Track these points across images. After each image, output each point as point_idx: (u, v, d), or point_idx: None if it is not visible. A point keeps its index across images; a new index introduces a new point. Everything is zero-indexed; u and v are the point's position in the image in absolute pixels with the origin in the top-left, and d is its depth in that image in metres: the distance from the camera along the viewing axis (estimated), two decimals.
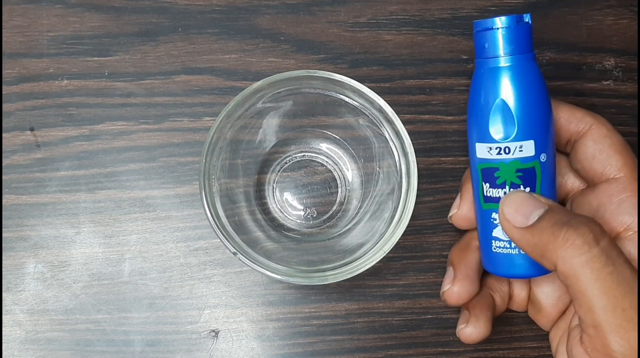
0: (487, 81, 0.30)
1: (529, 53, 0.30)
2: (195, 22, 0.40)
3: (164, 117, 0.39)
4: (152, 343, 0.38)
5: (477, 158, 0.31)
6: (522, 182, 0.30)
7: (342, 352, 0.38)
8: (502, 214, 0.29)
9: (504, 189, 0.31)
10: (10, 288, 0.38)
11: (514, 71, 0.30)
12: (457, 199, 0.35)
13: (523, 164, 0.30)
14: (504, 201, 0.30)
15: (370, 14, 0.40)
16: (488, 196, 0.31)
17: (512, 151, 0.30)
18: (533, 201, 0.29)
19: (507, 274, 0.32)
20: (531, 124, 0.30)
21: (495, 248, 0.32)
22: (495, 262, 0.32)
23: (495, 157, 0.30)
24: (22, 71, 0.39)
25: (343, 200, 0.39)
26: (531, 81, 0.30)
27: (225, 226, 0.32)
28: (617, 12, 0.41)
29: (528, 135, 0.30)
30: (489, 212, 0.32)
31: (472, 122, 0.31)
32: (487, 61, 0.30)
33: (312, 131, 0.39)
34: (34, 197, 0.39)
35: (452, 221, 0.35)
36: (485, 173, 0.31)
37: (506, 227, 0.29)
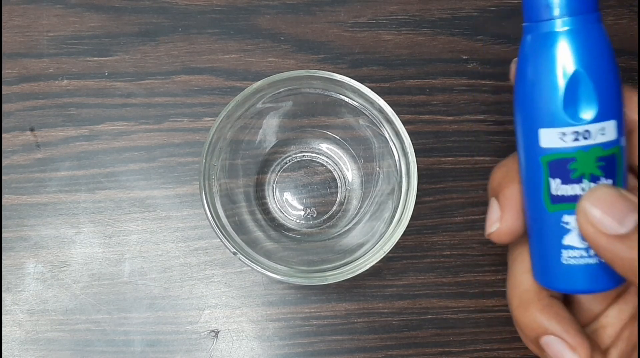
0: (554, 48, 0.24)
1: (599, 12, 0.24)
2: (195, 22, 0.40)
3: (164, 117, 0.39)
4: (152, 343, 0.38)
5: (542, 147, 0.25)
6: (604, 173, 0.25)
7: (342, 352, 0.38)
8: (586, 216, 0.24)
9: (581, 184, 0.25)
10: (10, 288, 0.38)
11: (590, 34, 0.24)
12: (494, 211, 0.28)
13: (605, 151, 0.24)
14: (587, 198, 0.24)
15: (370, 14, 0.40)
16: (558, 196, 0.25)
17: (593, 135, 0.24)
18: (626, 202, 0.23)
19: (582, 290, 0.27)
20: (614, 100, 0.25)
21: (567, 258, 0.26)
22: (567, 276, 0.26)
23: (571, 144, 0.24)
24: (22, 71, 0.39)
25: (343, 200, 0.39)
26: (609, 46, 0.25)
27: (225, 226, 0.32)
28: (617, 12, 0.41)
29: (610, 114, 0.24)
30: (559, 215, 0.26)
31: (531, 103, 0.25)
32: (549, 23, 0.24)
33: (312, 131, 0.39)
34: (34, 197, 0.39)
35: (492, 238, 0.28)
36: (555, 167, 0.25)
37: (590, 232, 0.24)
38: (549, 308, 0.27)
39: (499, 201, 0.28)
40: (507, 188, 0.28)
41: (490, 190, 0.29)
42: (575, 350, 0.26)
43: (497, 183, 0.28)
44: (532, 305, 0.27)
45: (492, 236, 0.28)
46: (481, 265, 0.39)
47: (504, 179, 0.28)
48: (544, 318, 0.27)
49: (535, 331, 0.27)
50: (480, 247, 0.39)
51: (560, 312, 0.27)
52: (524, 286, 0.28)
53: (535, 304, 0.27)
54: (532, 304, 0.27)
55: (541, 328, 0.27)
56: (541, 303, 0.27)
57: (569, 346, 0.27)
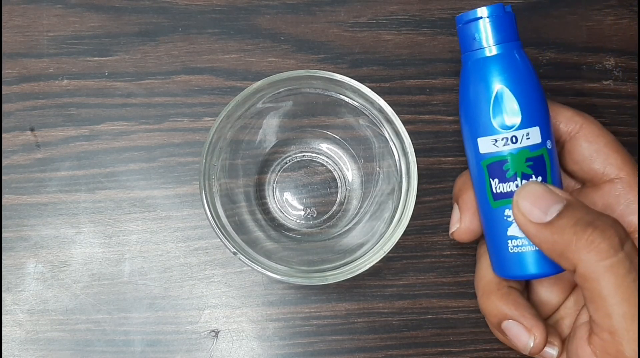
0: (482, 71, 0.30)
1: (519, 41, 0.30)
2: (196, 22, 0.40)
3: (164, 117, 0.39)
4: (152, 343, 0.38)
5: (481, 153, 0.30)
6: (534, 172, 0.29)
7: (342, 352, 0.38)
8: (518, 208, 0.28)
9: (516, 182, 0.29)
10: (10, 288, 0.38)
11: (510, 58, 0.29)
12: (455, 214, 0.33)
13: (532, 153, 0.29)
14: (518, 193, 0.28)
15: (370, 14, 0.40)
16: (498, 193, 0.30)
17: (520, 139, 0.29)
18: (550, 195, 0.28)
19: (527, 275, 0.30)
20: (535, 110, 0.29)
21: (513, 248, 0.30)
22: (513, 264, 0.30)
23: (502, 149, 0.29)
24: (22, 71, 0.39)
25: (343, 200, 0.39)
26: (528, 66, 0.30)
27: (225, 226, 0.32)
28: (617, 12, 0.41)
29: (533, 121, 0.29)
30: (501, 210, 0.30)
31: (470, 117, 0.30)
32: (478, 52, 0.30)
33: (312, 131, 0.39)
34: (34, 197, 0.39)
35: (454, 237, 0.33)
36: (493, 168, 0.30)
37: (522, 222, 0.28)
38: (507, 297, 0.31)
39: (459, 205, 0.33)
40: (465, 194, 0.32)
41: (453, 197, 0.34)
42: (530, 332, 0.30)
43: (457, 190, 0.33)
44: (493, 294, 0.31)
45: (454, 235, 0.33)
46: None
47: (463, 186, 0.33)
48: (503, 305, 0.31)
49: (496, 317, 0.31)
50: None
51: (518, 300, 0.31)
52: (486, 278, 0.32)
53: (495, 293, 0.31)
54: (492, 293, 0.32)
55: (501, 313, 0.31)
56: (500, 293, 0.31)
57: (526, 328, 0.30)
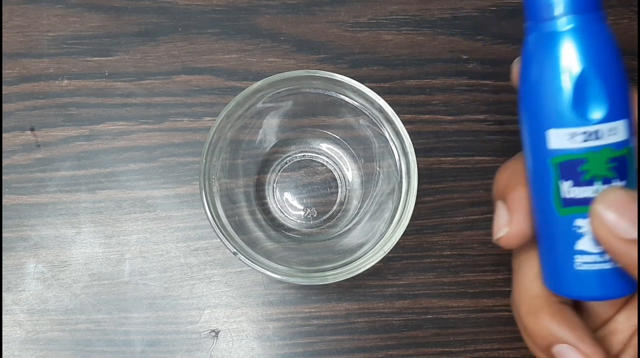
0: (559, 48, 0.23)
1: (603, 10, 0.24)
2: (196, 22, 0.40)
3: (164, 117, 0.39)
4: (153, 343, 0.38)
5: (551, 149, 0.24)
6: (616, 175, 0.24)
7: (342, 352, 0.38)
8: (600, 220, 0.23)
9: (593, 186, 0.24)
10: (10, 288, 0.38)
11: (597, 32, 0.24)
12: (502, 215, 0.27)
13: (615, 152, 0.24)
14: (600, 201, 0.23)
15: (370, 14, 0.40)
16: (569, 199, 0.24)
17: (604, 135, 0.23)
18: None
19: (598, 296, 0.25)
20: (623, 99, 0.24)
21: (581, 264, 0.25)
22: (580, 282, 0.25)
23: (581, 145, 0.24)
24: (23, 71, 0.39)
25: (343, 200, 0.39)
26: (615, 44, 0.24)
27: (225, 226, 0.32)
28: (617, 12, 0.41)
29: (620, 113, 0.24)
30: (571, 219, 0.25)
31: (538, 104, 0.24)
32: (553, 22, 0.23)
33: (312, 131, 0.39)
34: (34, 197, 0.39)
35: (501, 243, 0.27)
36: (565, 168, 0.24)
37: (605, 237, 0.23)
38: (561, 315, 0.26)
39: (507, 205, 0.27)
40: (515, 191, 0.26)
41: (496, 193, 0.28)
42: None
43: (503, 186, 0.27)
44: (543, 311, 0.26)
45: (501, 241, 0.27)
46: (481, 265, 0.39)
47: (511, 182, 0.27)
48: (555, 326, 0.26)
49: (546, 339, 0.26)
50: (480, 247, 0.39)
51: (573, 319, 0.26)
52: (533, 292, 0.27)
53: (546, 311, 0.26)
54: (542, 311, 0.26)
55: (553, 336, 0.26)
56: (552, 310, 0.26)
57: (583, 355, 0.25)
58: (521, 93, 0.25)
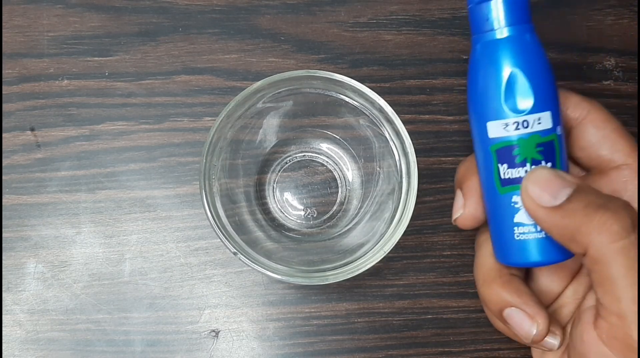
0: (494, 53, 0.29)
1: (531, 23, 0.29)
2: (196, 22, 0.40)
3: (164, 117, 0.39)
4: (153, 343, 0.38)
5: (490, 138, 0.29)
6: (544, 157, 0.29)
7: (342, 352, 0.38)
8: (527, 193, 0.27)
9: (525, 167, 0.29)
10: (10, 288, 0.38)
11: (524, 40, 0.28)
12: (459, 200, 0.32)
13: (542, 138, 0.28)
14: (527, 178, 0.28)
15: (370, 14, 0.40)
16: (506, 179, 0.29)
17: (531, 124, 0.28)
18: (560, 179, 0.27)
19: (533, 262, 0.30)
20: (547, 94, 0.29)
21: (519, 234, 0.29)
22: (519, 251, 0.30)
23: (513, 133, 0.29)
24: (23, 71, 0.39)
25: (343, 200, 0.39)
26: (541, 50, 0.29)
27: (225, 226, 0.32)
28: (618, 12, 0.41)
29: (545, 106, 0.28)
30: (509, 196, 0.29)
31: (479, 100, 0.29)
32: (490, 33, 0.29)
33: (313, 131, 0.39)
34: (35, 197, 0.39)
35: (457, 223, 0.32)
36: (502, 153, 0.29)
37: (531, 207, 0.27)
38: (509, 284, 0.31)
39: (462, 191, 0.32)
40: (469, 180, 0.32)
41: (456, 183, 0.33)
42: (534, 319, 0.30)
43: (461, 176, 0.32)
44: (494, 282, 0.31)
45: (457, 222, 0.32)
46: None
47: (467, 172, 0.32)
48: (505, 293, 0.30)
49: (498, 305, 0.31)
50: None
51: (520, 287, 0.31)
52: (487, 266, 0.32)
53: (497, 281, 0.31)
54: (494, 281, 0.31)
55: (503, 301, 0.30)
56: (502, 280, 0.31)
57: (528, 316, 0.30)
58: (468, 94, 0.30)
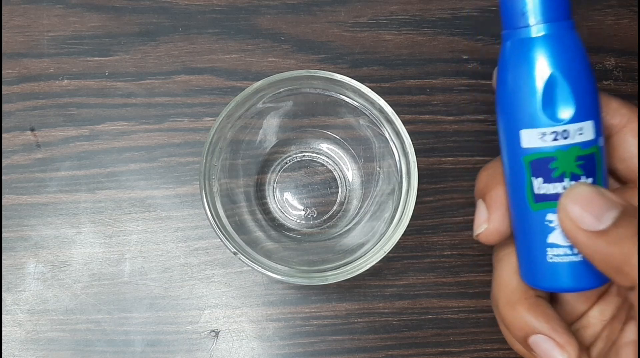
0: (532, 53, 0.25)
1: (572, 20, 0.26)
2: (196, 22, 0.40)
3: (164, 117, 0.39)
4: (153, 343, 0.38)
5: (524, 148, 0.26)
6: (584, 172, 0.26)
7: (342, 352, 0.38)
8: (566, 213, 0.24)
9: (563, 183, 0.26)
10: (10, 288, 0.38)
11: (566, 39, 0.25)
12: (482, 213, 0.29)
13: (583, 150, 0.25)
14: (566, 196, 0.25)
15: (370, 14, 0.40)
16: (541, 194, 0.26)
17: (571, 134, 0.25)
18: (604, 199, 0.24)
19: (567, 288, 0.27)
20: (590, 101, 0.26)
21: (552, 257, 0.26)
22: (551, 274, 0.27)
23: (551, 144, 0.25)
24: (23, 71, 0.39)
25: (343, 200, 0.39)
26: (583, 50, 0.26)
27: (225, 226, 0.32)
28: (618, 12, 0.41)
29: (587, 115, 0.25)
30: (542, 214, 0.26)
31: (512, 105, 0.26)
32: (525, 30, 0.25)
33: (313, 131, 0.39)
34: (35, 197, 0.39)
35: (480, 239, 0.29)
36: (537, 166, 0.26)
37: (570, 229, 0.24)
38: (537, 307, 0.28)
39: (486, 203, 0.28)
40: (494, 190, 0.28)
41: (477, 192, 0.29)
42: (564, 349, 0.27)
43: (483, 185, 0.29)
44: (520, 304, 0.28)
45: (480, 237, 0.29)
46: (481, 265, 0.39)
47: (490, 181, 0.29)
48: (531, 317, 0.27)
49: (523, 330, 0.27)
50: (480, 247, 0.39)
51: (548, 311, 0.28)
52: (511, 286, 0.28)
53: (523, 303, 0.28)
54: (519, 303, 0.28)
55: (529, 327, 0.27)
56: (528, 303, 0.28)
57: (558, 345, 0.27)
58: (498, 96, 0.27)
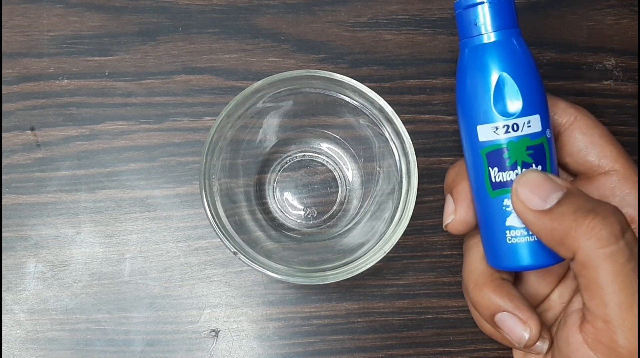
0: (483, 58, 0.29)
1: (518, 28, 0.30)
2: (196, 21, 0.40)
3: (164, 117, 0.39)
4: (153, 343, 0.38)
5: (480, 142, 0.29)
6: (534, 160, 0.29)
7: (342, 351, 0.38)
8: (517, 196, 0.28)
9: (515, 170, 0.29)
10: (10, 288, 0.38)
11: (512, 44, 0.29)
12: (449, 205, 0.32)
13: (532, 141, 0.29)
14: (517, 181, 0.28)
15: (370, 13, 0.40)
16: (497, 182, 0.29)
17: (521, 127, 0.29)
18: (550, 182, 0.27)
19: (524, 266, 0.30)
20: (536, 97, 0.29)
21: (511, 238, 0.29)
22: (510, 254, 0.30)
23: (503, 136, 0.29)
24: (23, 70, 0.39)
25: (343, 200, 0.39)
26: (529, 54, 0.29)
27: (225, 226, 0.32)
28: (618, 12, 0.41)
29: (534, 109, 0.29)
30: (500, 200, 0.29)
31: (469, 104, 0.30)
32: (478, 38, 0.29)
33: (313, 130, 0.39)
34: (35, 197, 0.39)
35: (448, 229, 0.32)
36: (492, 157, 0.29)
37: (520, 210, 0.28)
38: (501, 288, 0.30)
39: (453, 196, 0.32)
40: (459, 184, 0.32)
41: (445, 188, 0.33)
42: (526, 324, 0.30)
43: (450, 181, 0.32)
44: (486, 286, 0.31)
45: (449, 227, 0.32)
46: None
47: (456, 178, 0.32)
48: (496, 297, 0.30)
49: (489, 309, 0.30)
50: None
51: (512, 291, 0.30)
52: (478, 270, 0.32)
53: (489, 285, 0.31)
54: (485, 285, 0.31)
55: (495, 306, 0.30)
56: (494, 284, 0.31)
57: (521, 320, 0.30)
58: (457, 97, 0.30)
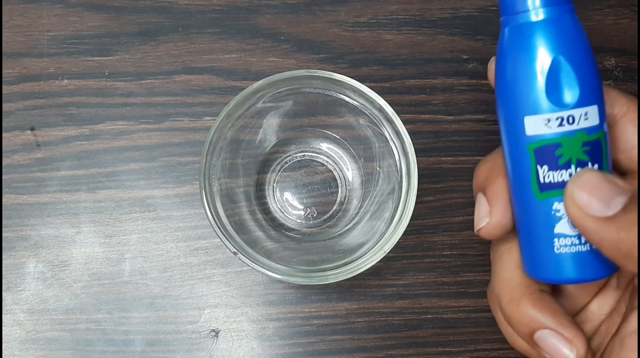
0: (532, 37, 0.24)
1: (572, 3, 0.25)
2: (196, 21, 0.40)
3: (164, 117, 0.39)
4: (153, 343, 0.38)
5: (528, 136, 0.25)
6: (590, 158, 0.25)
7: (342, 351, 0.38)
8: (573, 200, 0.24)
9: (569, 170, 0.25)
10: (10, 288, 0.38)
11: (567, 23, 0.24)
12: (483, 207, 0.28)
13: (589, 136, 0.24)
14: (573, 182, 0.24)
15: (370, 13, 0.40)
16: (547, 183, 0.25)
17: (577, 119, 0.24)
18: (611, 184, 0.23)
19: (575, 278, 0.26)
20: (594, 85, 0.25)
21: (559, 247, 0.25)
22: (559, 265, 0.26)
23: (556, 130, 0.25)
24: (23, 70, 0.39)
25: (343, 200, 0.39)
26: (584, 33, 0.25)
27: (225, 226, 0.32)
28: (618, 12, 0.41)
29: (592, 99, 0.25)
30: (549, 203, 0.25)
31: (514, 92, 0.25)
32: (524, 14, 0.25)
33: (313, 130, 0.39)
34: (34, 197, 0.39)
35: (482, 234, 0.28)
36: (542, 154, 0.25)
37: (577, 216, 0.24)
38: (541, 302, 0.27)
39: (487, 196, 0.27)
40: (494, 183, 0.27)
41: (476, 186, 0.29)
42: (572, 343, 0.26)
43: (483, 178, 0.28)
44: (524, 299, 0.27)
45: (482, 232, 0.28)
46: (481, 265, 0.39)
47: (490, 174, 0.28)
48: (537, 312, 0.26)
49: (528, 326, 0.27)
50: (480, 247, 0.39)
51: (553, 305, 0.27)
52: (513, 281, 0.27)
53: (527, 298, 0.27)
54: (523, 298, 0.27)
55: (535, 322, 0.26)
56: (533, 298, 0.27)
57: (565, 339, 0.26)
58: (497, 84, 0.26)
